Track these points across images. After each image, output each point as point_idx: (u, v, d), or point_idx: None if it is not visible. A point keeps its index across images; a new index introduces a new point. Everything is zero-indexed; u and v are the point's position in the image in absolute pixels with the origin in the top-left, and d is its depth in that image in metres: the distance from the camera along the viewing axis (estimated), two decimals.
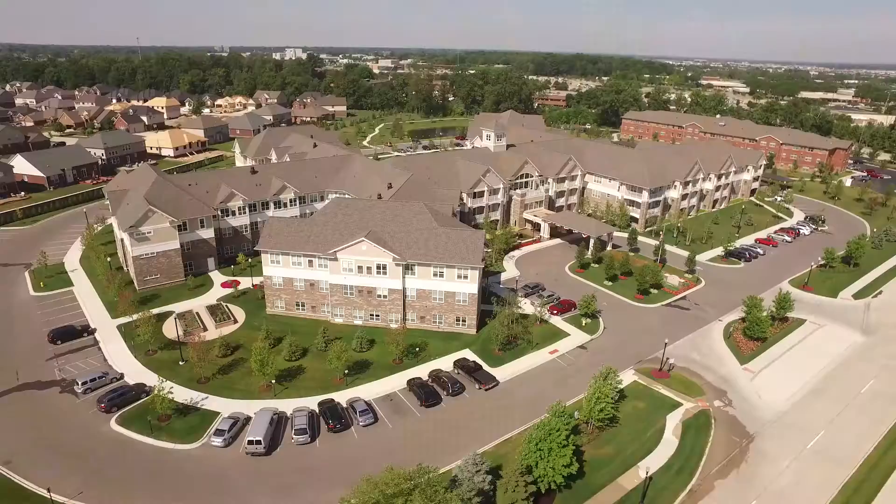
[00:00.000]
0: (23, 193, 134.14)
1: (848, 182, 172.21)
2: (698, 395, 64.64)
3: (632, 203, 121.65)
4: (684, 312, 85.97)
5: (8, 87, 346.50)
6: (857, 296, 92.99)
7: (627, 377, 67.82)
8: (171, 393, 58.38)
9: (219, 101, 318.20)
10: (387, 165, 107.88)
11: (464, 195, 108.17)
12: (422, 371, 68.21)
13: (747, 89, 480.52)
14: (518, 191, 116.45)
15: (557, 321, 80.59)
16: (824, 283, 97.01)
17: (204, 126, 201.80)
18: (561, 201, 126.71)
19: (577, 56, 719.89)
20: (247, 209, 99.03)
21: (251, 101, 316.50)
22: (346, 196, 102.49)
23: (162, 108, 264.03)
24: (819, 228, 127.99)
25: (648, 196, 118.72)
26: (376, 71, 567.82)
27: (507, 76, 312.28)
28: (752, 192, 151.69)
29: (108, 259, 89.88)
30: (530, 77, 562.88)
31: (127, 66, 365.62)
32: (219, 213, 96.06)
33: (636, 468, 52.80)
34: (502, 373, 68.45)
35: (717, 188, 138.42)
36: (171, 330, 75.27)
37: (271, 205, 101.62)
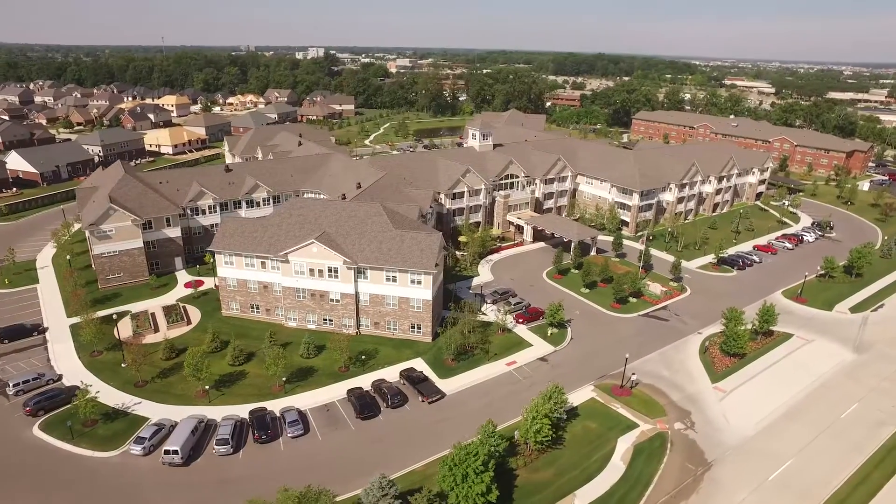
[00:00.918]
0: (14, 189, 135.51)
1: (865, 186, 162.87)
2: (658, 415, 59.86)
3: (623, 206, 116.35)
4: (662, 324, 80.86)
5: (32, 86, 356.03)
6: (854, 309, 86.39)
7: (585, 393, 63.45)
8: (97, 396, 56.46)
9: (230, 99, 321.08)
10: (363, 164, 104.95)
11: (442, 196, 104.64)
12: (367, 380, 65.00)
13: (772, 89, 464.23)
14: (502, 192, 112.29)
15: (522, 330, 76.46)
16: (820, 295, 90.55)
17: (206, 124, 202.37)
18: (550, 203, 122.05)
19: (599, 56, 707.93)
20: (217, 208, 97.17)
21: (262, 100, 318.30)
22: (321, 196, 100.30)
23: (172, 105, 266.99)
24: (825, 235, 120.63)
25: (639, 199, 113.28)
26: (393, 70, 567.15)
27: (517, 75, 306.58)
28: (759, 195, 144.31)
29: (69, 257, 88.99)
30: (549, 77, 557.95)
31: (144, 64, 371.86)
32: (188, 211, 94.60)
33: (573, 496, 48.58)
34: (451, 385, 64.75)
35: (718, 191, 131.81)
36: (123, 330, 73.90)
37: (243, 204, 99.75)
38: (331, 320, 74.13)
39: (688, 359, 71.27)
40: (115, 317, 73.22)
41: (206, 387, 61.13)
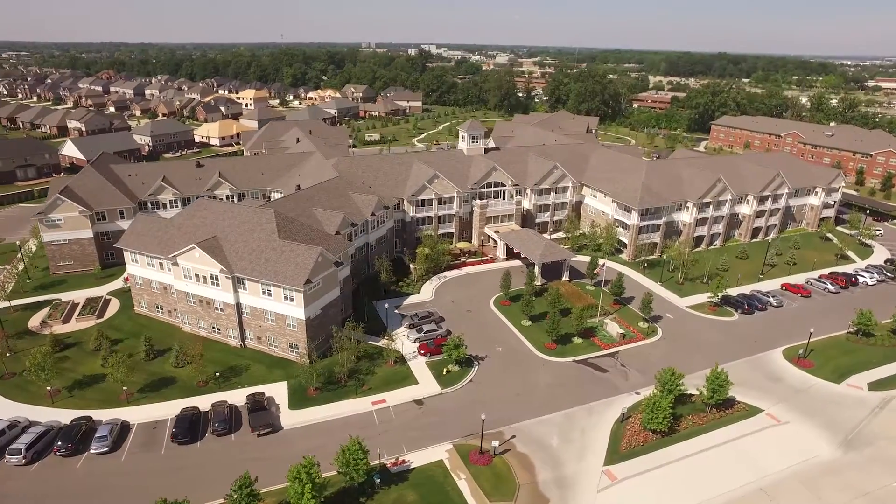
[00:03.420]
0: (63, 174, 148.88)
1: None
2: (503, 499, 47.77)
3: (623, 225, 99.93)
4: (598, 375, 66.60)
5: (153, 80, 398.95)
6: (877, 385, 65.10)
7: (438, 453, 52.90)
8: None
9: (311, 94, 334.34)
10: (328, 165, 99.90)
11: (405, 203, 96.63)
12: (220, 398, 59.87)
13: None
14: (479, 201, 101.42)
15: (419, 363, 66.85)
16: (836, 359, 69.86)
17: (258, 118, 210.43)
18: (545, 217, 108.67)
19: (718, 55, 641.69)
20: (179, 202, 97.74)
21: (338, 95, 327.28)
22: (276, 194, 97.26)
23: (250, 99, 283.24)
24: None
25: (638, 217, 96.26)
26: (488, 68, 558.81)
27: (591, 74, 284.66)
28: (822, 220, 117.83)
29: (19, 243, 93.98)
30: (656, 77, 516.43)
31: (243, 60, 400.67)
32: (149, 205, 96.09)
33: None
34: (299, 417, 57.58)
35: (761, 213, 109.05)
36: (36, 319, 75.90)
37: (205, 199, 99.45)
38: (218, 329, 70.09)
39: (596, 426, 57.21)
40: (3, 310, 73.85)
41: (50, 388, 59.70)
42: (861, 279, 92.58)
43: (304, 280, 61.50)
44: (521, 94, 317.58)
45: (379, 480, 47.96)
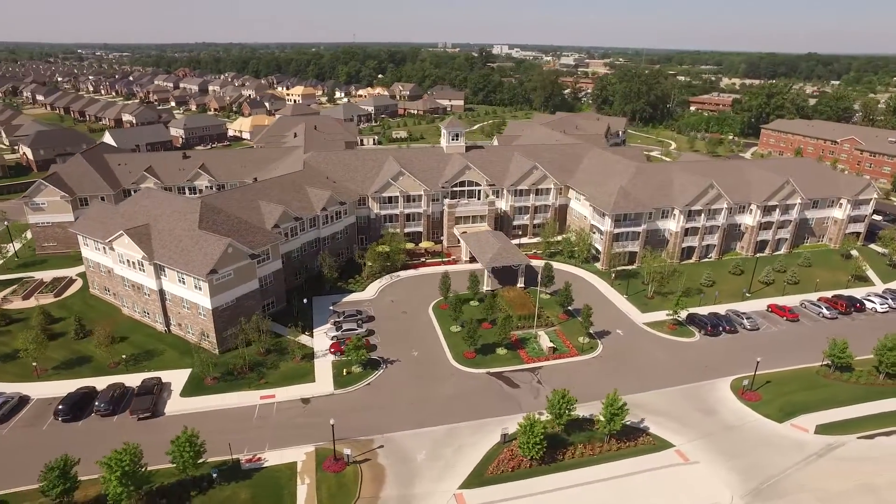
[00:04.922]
0: None
1: None
2: None
3: (600, 231, 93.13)
4: (507, 391, 62.03)
5: (220, 77, 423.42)
6: (827, 429, 55.92)
7: (296, 455, 51.14)
8: None
9: (361, 91, 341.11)
10: (298, 160, 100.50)
11: (370, 199, 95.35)
12: (126, 380, 61.46)
13: None
14: (450, 200, 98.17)
15: (325, 362, 65.34)
16: (790, 395, 60.96)
17: (292, 113, 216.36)
18: (524, 219, 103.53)
19: (806, 56, 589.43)
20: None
21: (386, 92, 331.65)
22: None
23: (299, 95, 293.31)
24: None
25: (611, 224, 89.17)
26: (551, 68, 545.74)
27: (637, 74, 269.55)
28: (850, 235, 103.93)
29: (7, 223, 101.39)
30: (730, 80, 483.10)
31: (303, 58, 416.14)
32: (131, 192, 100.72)
33: None
34: (188, 405, 58.00)
35: (768, 225, 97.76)
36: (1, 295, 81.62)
37: (186, 189, 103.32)
38: (148, 314, 72.15)
39: (474, 446, 52.90)
40: None
41: None
42: (870, 305, 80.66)
43: (209, 270, 61.76)
44: (569, 95, 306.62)
45: (216, 475, 46.98)
